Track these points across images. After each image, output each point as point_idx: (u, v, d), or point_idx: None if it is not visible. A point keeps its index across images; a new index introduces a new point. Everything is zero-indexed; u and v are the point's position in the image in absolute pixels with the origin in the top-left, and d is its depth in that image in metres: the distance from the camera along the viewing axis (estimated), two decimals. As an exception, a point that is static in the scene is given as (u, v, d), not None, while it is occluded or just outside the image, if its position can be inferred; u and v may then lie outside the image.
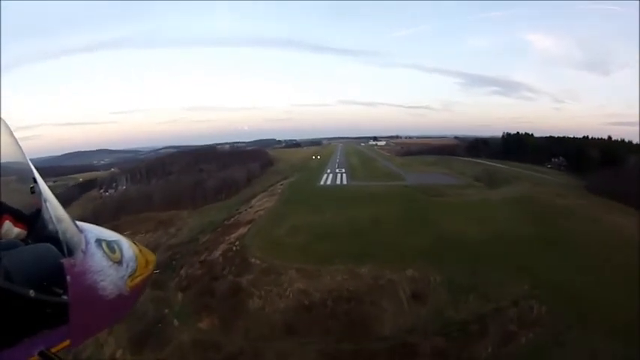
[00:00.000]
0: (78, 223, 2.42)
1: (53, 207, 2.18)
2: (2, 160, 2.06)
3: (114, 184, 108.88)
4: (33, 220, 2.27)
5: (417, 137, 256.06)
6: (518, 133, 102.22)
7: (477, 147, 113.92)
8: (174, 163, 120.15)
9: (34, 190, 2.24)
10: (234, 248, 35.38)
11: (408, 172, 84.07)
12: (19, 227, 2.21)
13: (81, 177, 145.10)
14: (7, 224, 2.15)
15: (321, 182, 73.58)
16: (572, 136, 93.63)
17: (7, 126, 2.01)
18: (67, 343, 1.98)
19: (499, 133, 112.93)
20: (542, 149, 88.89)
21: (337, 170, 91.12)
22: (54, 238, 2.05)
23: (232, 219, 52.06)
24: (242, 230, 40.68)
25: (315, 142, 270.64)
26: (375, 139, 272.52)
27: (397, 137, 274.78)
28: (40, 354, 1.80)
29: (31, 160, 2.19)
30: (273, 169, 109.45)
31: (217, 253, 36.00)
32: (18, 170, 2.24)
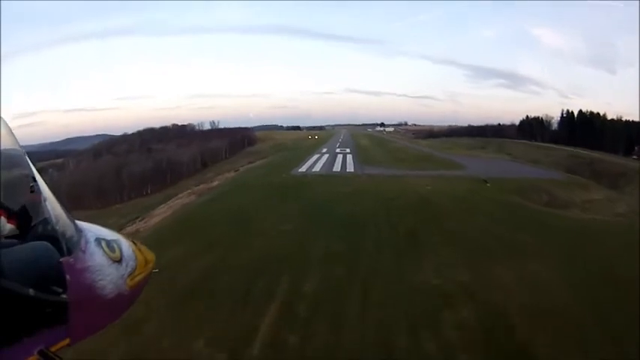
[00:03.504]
0: (77, 222, 2.30)
1: (52, 206, 2.11)
2: (2, 159, 2.02)
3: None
4: (21, 217, 2.23)
5: (425, 125, 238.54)
6: (582, 111, 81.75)
7: (530, 126, 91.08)
8: (126, 142, 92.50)
9: (34, 189, 2.18)
10: None
11: (452, 155, 58.91)
12: (11, 224, 2.17)
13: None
14: (2, 220, 2.11)
15: (303, 168, 43.83)
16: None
17: (7, 125, 1.98)
18: (66, 342, 1.95)
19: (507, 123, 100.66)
20: (618, 134, 70.11)
21: (338, 150, 61.55)
22: (53, 237, 2.00)
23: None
24: None
25: (317, 128, 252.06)
26: (382, 125, 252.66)
27: (405, 124, 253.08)
28: (40, 353, 1.78)
29: (33, 145, 1.98)
30: (251, 149, 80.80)
31: None
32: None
